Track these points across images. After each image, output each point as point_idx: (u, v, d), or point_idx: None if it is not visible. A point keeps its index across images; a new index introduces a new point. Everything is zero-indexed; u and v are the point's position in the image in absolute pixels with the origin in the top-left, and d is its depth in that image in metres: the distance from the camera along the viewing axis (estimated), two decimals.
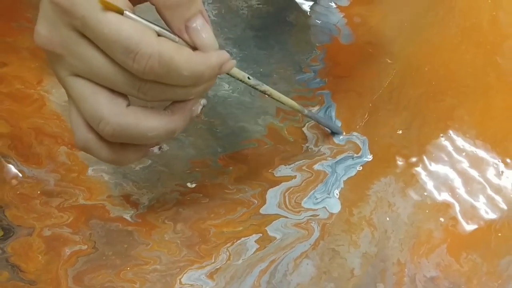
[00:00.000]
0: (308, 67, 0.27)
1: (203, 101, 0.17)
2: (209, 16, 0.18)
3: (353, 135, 0.24)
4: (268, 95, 0.19)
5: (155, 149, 0.17)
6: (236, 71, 0.17)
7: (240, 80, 0.18)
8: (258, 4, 0.29)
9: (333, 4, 0.29)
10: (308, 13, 0.29)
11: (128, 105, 0.15)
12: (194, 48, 0.15)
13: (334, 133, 0.24)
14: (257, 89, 0.19)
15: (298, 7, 0.29)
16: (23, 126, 0.24)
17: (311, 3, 0.29)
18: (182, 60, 0.14)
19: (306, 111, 0.22)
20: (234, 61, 0.16)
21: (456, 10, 0.30)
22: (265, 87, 0.19)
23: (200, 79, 0.15)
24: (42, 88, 0.26)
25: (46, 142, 0.24)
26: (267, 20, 0.28)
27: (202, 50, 0.15)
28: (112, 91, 0.15)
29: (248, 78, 0.18)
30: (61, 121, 0.25)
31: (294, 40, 0.28)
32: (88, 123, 0.15)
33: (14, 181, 0.23)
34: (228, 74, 0.17)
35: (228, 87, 0.26)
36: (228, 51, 0.24)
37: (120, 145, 0.16)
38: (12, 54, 0.27)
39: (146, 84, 0.14)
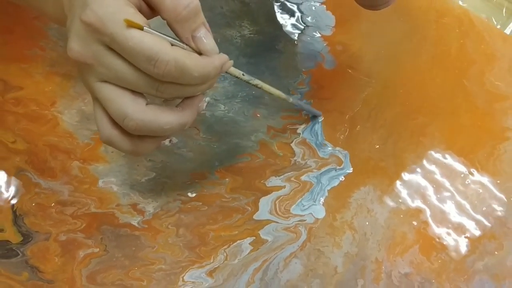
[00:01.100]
0: (295, 90, 0.31)
1: (207, 99, 0.20)
2: None
3: (336, 149, 0.28)
4: (259, 88, 0.23)
5: (166, 142, 0.21)
6: (233, 70, 0.21)
7: (236, 77, 0.21)
8: (250, 34, 0.33)
9: (317, 34, 0.33)
10: (295, 41, 0.33)
11: (147, 103, 0.19)
12: (200, 53, 0.19)
13: (314, 116, 0.28)
14: (250, 83, 0.22)
15: (286, 36, 0.33)
16: (39, 143, 0.28)
17: (298, 32, 0.33)
18: (192, 64, 0.18)
19: (291, 99, 0.25)
20: (232, 61, 0.20)
21: (427, 39, 0.34)
22: (256, 81, 0.23)
23: (207, 78, 0.18)
24: (55, 109, 0.29)
25: (60, 157, 0.27)
26: (258, 48, 0.32)
27: (206, 54, 0.18)
28: (134, 92, 0.18)
29: (243, 74, 0.22)
30: (73, 138, 0.28)
31: (282, 66, 0.32)
32: (112, 121, 0.18)
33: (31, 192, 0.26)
34: (227, 72, 0.20)
35: (224, 108, 0.29)
36: (225, 77, 0.28)
37: (139, 137, 0.19)
38: (27, 78, 0.30)
39: (163, 84, 0.18)
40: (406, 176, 0.27)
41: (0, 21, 0.33)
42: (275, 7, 0.34)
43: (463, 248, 0.25)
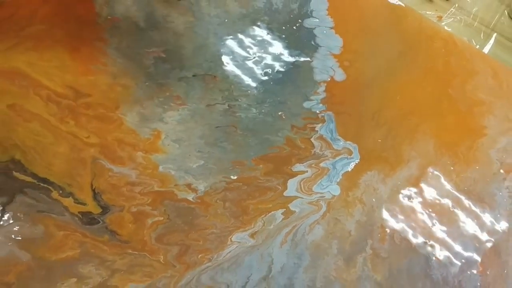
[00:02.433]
0: (312, 97, 0.38)
1: None
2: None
3: (347, 143, 0.35)
4: None
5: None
6: None
7: None
8: (275, 53, 0.41)
9: (328, 53, 0.41)
10: (311, 59, 0.41)
11: None
12: None
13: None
14: None
15: (304, 53, 0.41)
16: (109, 138, 0.35)
17: (314, 52, 0.41)
18: None
19: None
20: None
21: (419, 57, 0.42)
22: None
23: None
24: (119, 112, 0.37)
25: (126, 149, 0.35)
26: (281, 65, 0.40)
27: None
28: None
29: None
30: (136, 134, 0.35)
31: (302, 78, 0.40)
32: None
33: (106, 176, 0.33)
34: None
35: (255, 111, 0.37)
36: (257, 87, 0.36)
37: None
38: (94, 88, 0.38)
39: None
40: (403, 163, 0.35)
41: (69, 42, 0.41)
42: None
43: (449, 217, 0.32)
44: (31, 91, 0.37)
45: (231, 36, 0.42)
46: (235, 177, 0.33)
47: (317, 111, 0.37)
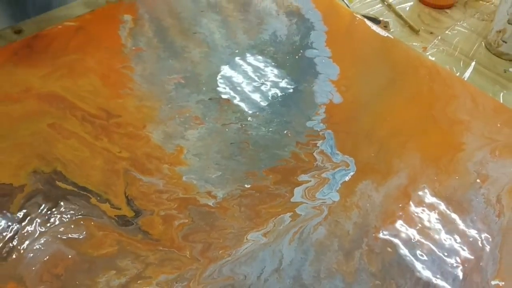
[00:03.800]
0: (314, 117, 0.45)
1: None
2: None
3: (345, 157, 0.41)
4: None
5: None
6: None
7: None
8: (280, 79, 0.47)
9: (327, 79, 0.48)
10: (312, 84, 0.47)
11: None
12: None
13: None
14: None
15: (306, 80, 0.48)
16: (138, 153, 0.41)
17: (314, 78, 0.47)
18: None
19: None
20: None
21: (406, 83, 0.49)
22: None
23: None
24: (146, 130, 0.43)
25: (154, 162, 0.40)
26: (287, 89, 0.46)
27: None
28: None
29: None
30: (162, 149, 0.41)
31: (304, 101, 0.46)
32: None
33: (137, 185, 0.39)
34: None
35: (265, 129, 0.43)
36: (265, 109, 0.41)
37: None
38: (123, 109, 0.44)
39: None
40: (393, 174, 0.41)
41: (100, 69, 0.47)
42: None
43: (432, 220, 0.38)
44: (68, 112, 0.43)
45: (242, 65, 0.49)
46: (249, 186, 0.39)
47: (318, 130, 0.44)
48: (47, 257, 0.34)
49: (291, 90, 0.47)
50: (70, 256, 0.35)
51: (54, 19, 0.54)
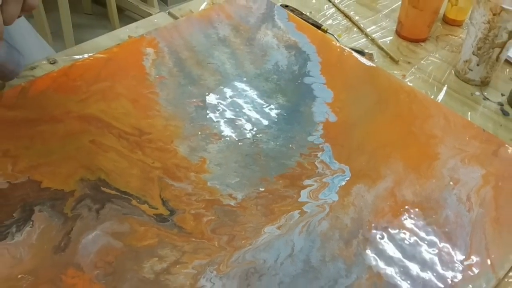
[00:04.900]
0: (314, 133, 0.53)
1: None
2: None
3: (341, 165, 0.50)
4: None
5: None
6: None
7: None
8: (283, 102, 0.56)
9: (323, 102, 0.57)
10: (311, 106, 0.56)
11: None
12: None
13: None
14: None
15: (305, 103, 0.57)
16: (168, 163, 0.49)
17: (312, 101, 0.56)
18: None
19: None
20: None
21: (389, 104, 0.58)
22: None
23: None
24: (174, 145, 0.51)
25: (182, 171, 0.48)
26: (288, 110, 0.55)
27: None
28: None
29: None
30: (188, 160, 0.49)
31: (305, 120, 0.55)
32: None
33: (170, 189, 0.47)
34: None
35: (273, 143, 0.52)
36: (273, 127, 0.50)
37: None
38: (153, 128, 0.52)
39: None
40: (381, 179, 0.50)
41: (129, 95, 0.55)
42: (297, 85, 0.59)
43: (415, 214, 0.47)
44: (105, 131, 0.51)
45: (250, 90, 0.58)
46: (263, 189, 0.47)
47: (318, 143, 0.52)
48: (99, 248, 0.42)
49: (293, 111, 0.56)
50: (118, 247, 0.42)
51: (85, 51, 0.62)
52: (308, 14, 0.73)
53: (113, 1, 1.70)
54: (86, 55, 0.61)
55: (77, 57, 0.61)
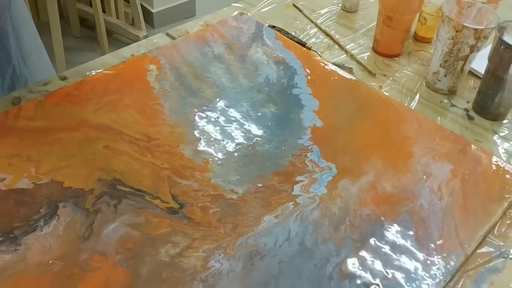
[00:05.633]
0: (303, 136, 0.61)
1: None
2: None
3: (328, 163, 0.57)
4: None
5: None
6: None
7: None
8: (275, 111, 0.64)
9: (310, 110, 0.64)
10: (299, 114, 0.64)
11: None
12: None
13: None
14: None
15: (294, 111, 0.64)
16: (176, 164, 0.55)
17: (301, 109, 0.64)
18: None
19: None
20: None
21: (368, 112, 0.66)
22: None
23: None
24: (180, 149, 0.57)
25: (189, 171, 0.55)
26: (280, 117, 0.63)
27: None
28: None
29: None
30: (193, 162, 0.56)
31: (295, 126, 0.62)
32: None
33: (178, 185, 0.53)
34: None
35: (268, 147, 0.59)
36: (267, 132, 0.57)
37: None
38: (160, 134, 0.59)
39: None
40: (363, 174, 0.57)
41: (136, 106, 0.62)
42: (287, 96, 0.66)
43: (394, 203, 0.54)
44: (117, 137, 0.58)
45: (245, 101, 0.65)
46: (260, 185, 0.54)
47: (307, 145, 0.59)
48: (119, 237, 0.48)
49: (284, 118, 0.63)
50: (136, 235, 0.48)
51: (92, 68, 0.69)
52: (293, 33, 0.81)
53: (102, 25, 1.77)
54: (93, 72, 0.68)
55: (86, 73, 0.67)
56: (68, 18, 1.90)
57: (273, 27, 0.81)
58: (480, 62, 0.71)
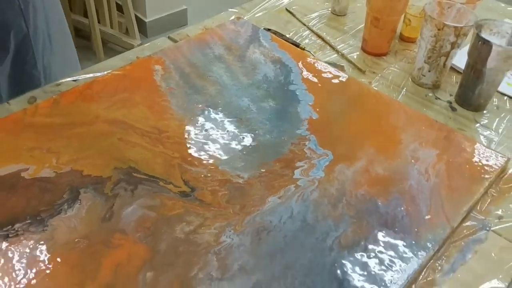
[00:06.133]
0: (301, 127, 0.66)
1: None
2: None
3: (325, 150, 0.63)
4: None
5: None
6: None
7: None
8: (274, 105, 0.69)
9: (307, 104, 0.70)
10: (297, 107, 0.69)
11: None
12: None
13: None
14: None
15: (292, 105, 0.69)
16: (185, 153, 0.60)
17: (298, 104, 0.69)
18: None
19: None
20: None
21: (360, 104, 0.71)
22: None
23: None
24: (187, 139, 0.62)
25: (197, 159, 0.60)
26: (278, 110, 0.68)
27: None
28: None
29: None
30: (201, 152, 0.61)
31: (293, 118, 0.67)
32: None
33: (190, 171, 0.58)
34: None
35: (270, 136, 0.64)
36: (267, 124, 0.63)
37: None
38: (169, 127, 0.64)
39: None
40: (357, 160, 0.62)
41: (145, 103, 0.67)
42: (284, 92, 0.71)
43: (386, 185, 0.59)
44: (130, 131, 0.62)
45: (245, 96, 0.70)
46: (264, 170, 0.59)
47: (305, 135, 0.65)
48: (137, 217, 0.52)
49: (283, 111, 0.68)
50: (153, 216, 0.53)
51: (101, 70, 0.74)
52: (287, 35, 0.87)
53: (98, 34, 1.82)
54: (104, 73, 0.73)
55: (98, 74, 0.72)
56: None
57: (268, 29, 0.87)
58: (461, 58, 0.77)
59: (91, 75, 0.72)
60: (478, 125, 0.72)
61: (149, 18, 2.17)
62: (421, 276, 0.51)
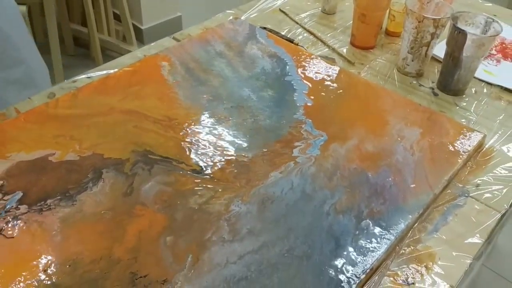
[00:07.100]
0: (297, 112, 0.73)
1: None
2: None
3: (320, 131, 0.70)
4: None
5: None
6: None
7: None
8: (272, 94, 0.76)
9: (302, 92, 0.77)
10: (293, 95, 0.76)
11: None
12: None
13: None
14: None
15: (289, 93, 0.77)
16: (194, 138, 0.67)
17: (294, 92, 0.77)
18: None
19: None
20: None
21: (351, 91, 0.79)
22: None
23: None
24: (196, 126, 0.69)
25: (205, 142, 0.67)
26: (276, 98, 0.75)
27: None
28: None
29: None
30: (209, 136, 0.68)
31: (290, 104, 0.74)
32: None
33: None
34: None
35: (269, 121, 0.71)
36: (267, 110, 0.70)
37: None
38: (178, 115, 0.71)
39: None
40: (349, 139, 0.69)
41: (155, 94, 0.74)
42: (282, 81, 0.79)
43: (376, 160, 0.66)
44: (143, 119, 0.69)
45: (246, 87, 0.77)
46: (266, 150, 0.66)
47: (301, 119, 0.72)
48: (155, 192, 0.59)
49: (280, 99, 0.76)
50: (169, 190, 0.59)
51: (113, 67, 0.80)
52: (282, 33, 0.95)
53: (97, 42, 1.89)
54: (116, 69, 0.79)
55: (110, 71, 0.79)
56: (62, 37, 2.01)
57: (264, 28, 0.94)
58: (441, 49, 0.84)
59: (104, 72, 0.79)
60: (458, 107, 0.80)
61: (145, 25, 2.24)
62: (408, 235, 0.58)
